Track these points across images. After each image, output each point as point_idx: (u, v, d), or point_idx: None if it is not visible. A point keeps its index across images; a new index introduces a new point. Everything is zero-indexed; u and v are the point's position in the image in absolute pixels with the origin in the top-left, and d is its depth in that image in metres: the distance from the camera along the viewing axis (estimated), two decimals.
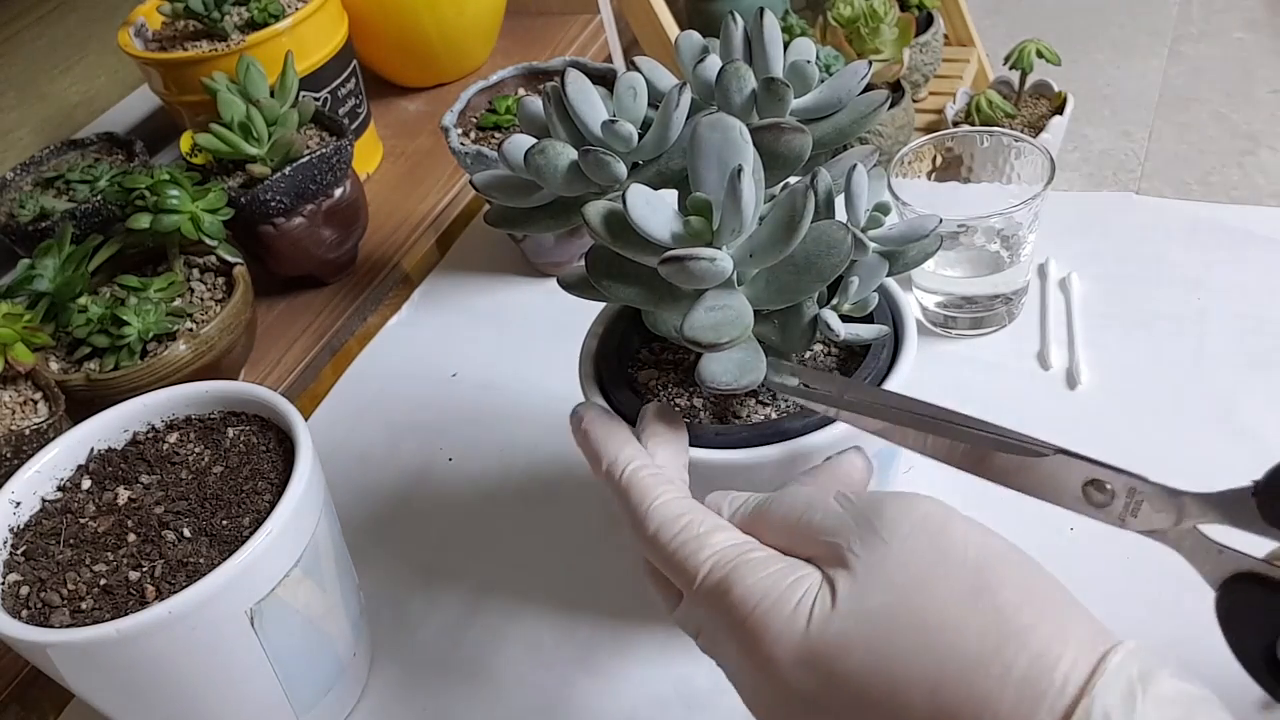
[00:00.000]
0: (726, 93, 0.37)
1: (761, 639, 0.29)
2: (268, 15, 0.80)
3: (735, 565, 0.31)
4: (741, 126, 0.33)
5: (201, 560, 0.39)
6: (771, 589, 0.30)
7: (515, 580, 0.51)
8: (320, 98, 0.83)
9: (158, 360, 0.59)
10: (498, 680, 0.47)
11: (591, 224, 0.34)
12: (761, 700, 0.30)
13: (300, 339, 0.73)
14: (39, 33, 0.88)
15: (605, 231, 0.34)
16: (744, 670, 0.31)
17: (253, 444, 0.44)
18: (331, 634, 0.44)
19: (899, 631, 0.27)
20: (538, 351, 0.64)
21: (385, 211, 0.85)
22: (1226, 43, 2.01)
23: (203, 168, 0.72)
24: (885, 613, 0.28)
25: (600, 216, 0.34)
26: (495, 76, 0.73)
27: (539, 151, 0.36)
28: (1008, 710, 0.25)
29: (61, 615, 0.38)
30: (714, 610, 0.31)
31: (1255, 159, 1.73)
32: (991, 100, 1.50)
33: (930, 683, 0.26)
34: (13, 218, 0.71)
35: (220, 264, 0.67)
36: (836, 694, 0.28)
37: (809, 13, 1.63)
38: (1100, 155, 1.80)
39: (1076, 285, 0.60)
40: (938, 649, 0.27)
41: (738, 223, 0.33)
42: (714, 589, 0.31)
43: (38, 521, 0.42)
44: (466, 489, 0.57)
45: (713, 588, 0.31)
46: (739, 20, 0.39)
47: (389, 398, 0.64)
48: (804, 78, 0.39)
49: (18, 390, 0.57)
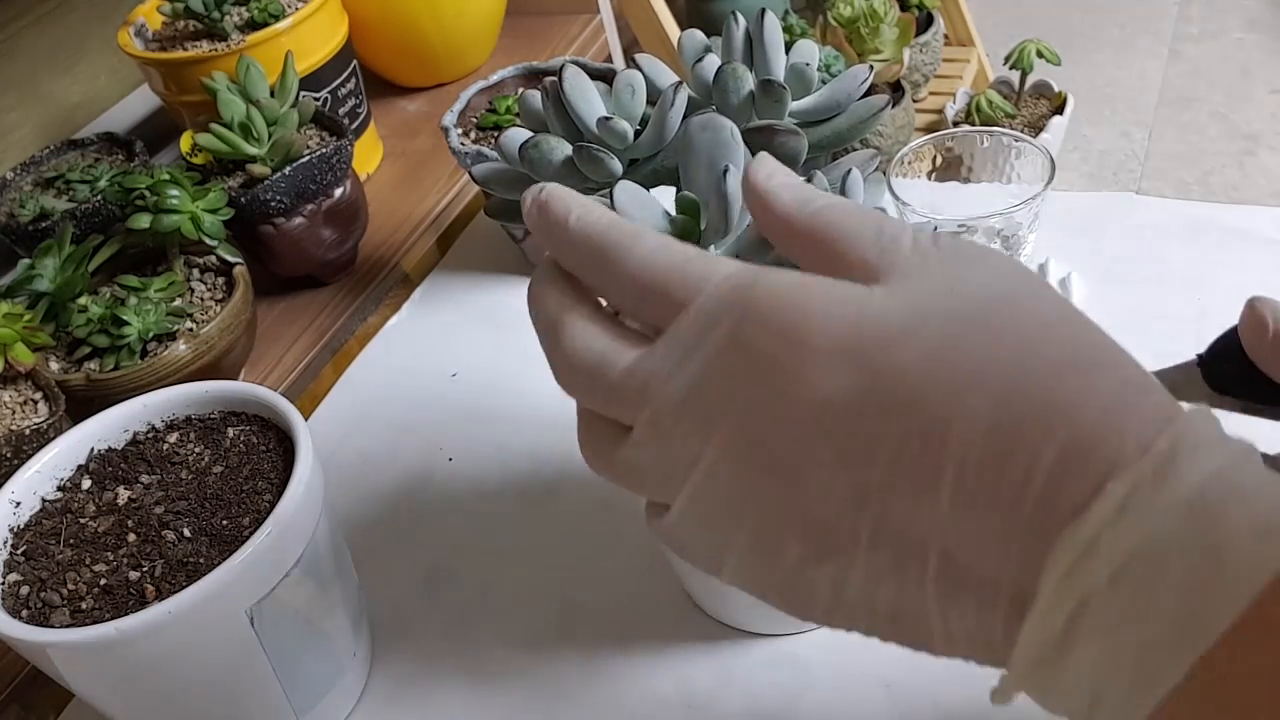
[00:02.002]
0: (724, 93, 0.37)
1: (797, 324, 0.24)
2: (268, 15, 0.80)
3: (761, 270, 0.25)
4: (733, 127, 0.33)
5: (201, 560, 0.39)
6: (808, 279, 0.25)
7: (515, 580, 0.51)
8: (320, 98, 0.83)
9: (158, 360, 0.59)
10: (497, 680, 0.47)
11: None
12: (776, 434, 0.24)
13: (300, 339, 0.73)
14: (39, 33, 0.88)
15: None
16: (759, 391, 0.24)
17: (253, 444, 0.44)
18: (331, 634, 0.44)
19: (968, 330, 0.23)
20: (538, 351, 0.63)
21: (385, 211, 0.85)
22: (1227, 43, 2.01)
23: (203, 168, 0.72)
24: (953, 311, 0.24)
25: None
26: (495, 76, 0.73)
27: (533, 146, 0.36)
28: (1090, 420, 0.22)
29: (61, 615, 0.38)
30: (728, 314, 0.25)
31: (1255, 159, 1.73)
32: (991, 100, 1.50)
33: (999, 385, 0.22)
34: (13, 218, 0.71)
35: (220, 264, 0.67)
36: (878, 397, 0.23)
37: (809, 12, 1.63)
38: (1100, 155, 1.80)
39: (1077, 285, 0.60)
40: (1014, 350, 0.23)
41: (725, 222, 0.33)
42: (734, 287, 0.25)
43: (38, 521, 0.42)
44: (466, 489, 0.57)
45: (732, 287, 0.25)
46: (740, 20, 0.39)
47: (389, 398, 0.64)
48: (803, 80, 0.39)
49: (18, 390, 0.57)
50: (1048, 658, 0.22)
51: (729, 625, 0.46)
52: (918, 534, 0.23)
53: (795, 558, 0.25)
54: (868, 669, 0.44)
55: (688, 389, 0.25)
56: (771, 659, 0.45)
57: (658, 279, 0.26)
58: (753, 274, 0.25)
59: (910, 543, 0.23)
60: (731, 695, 0.44)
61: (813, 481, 0.24)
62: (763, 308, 0.24)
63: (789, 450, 0.24)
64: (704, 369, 0.25)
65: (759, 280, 0.25)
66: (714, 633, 0.46)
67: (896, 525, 0.23)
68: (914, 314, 0.24)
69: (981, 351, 0.23)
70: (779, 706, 0.43)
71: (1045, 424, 0.22)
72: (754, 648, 0.45)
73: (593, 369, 0.27)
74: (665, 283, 0.26)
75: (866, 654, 0.44)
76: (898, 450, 0.23)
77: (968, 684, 0.42)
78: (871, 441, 0.23)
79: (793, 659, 0.45)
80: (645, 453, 0.26)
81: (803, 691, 0.43)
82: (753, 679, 0.44)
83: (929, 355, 0.23)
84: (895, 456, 0.23)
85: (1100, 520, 0.21)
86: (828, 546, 0.24)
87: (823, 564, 0.24)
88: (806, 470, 0.24)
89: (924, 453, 0.23)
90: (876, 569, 0.24)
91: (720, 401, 0.25)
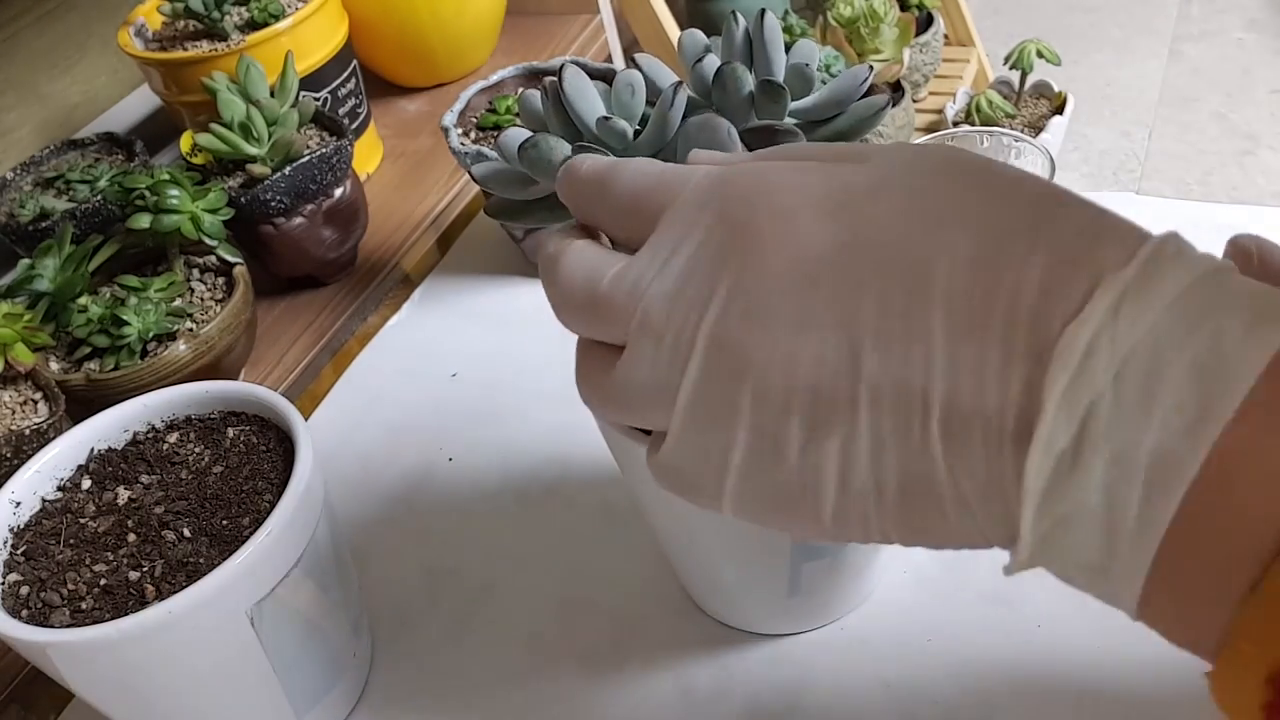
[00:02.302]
0: (724, 93, 0.38)
1: (774, 193, 0.25)
2: (268, 15, 0.80)
3: (732, 160, 0.28)
4: (730, 127, 0.33)
5: (201, 560, 0.39)
6: (779, 164, 0.26)
7: (515, 580, 0.51)
8: (320, 98, 0.83)
9: (158, 360, 0.59)
10: (498, 680, 0.47)
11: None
12: (766, 301, 0.25)
13: (300, 339, 0.73)
14: (39, 32, 0.88)
15: None
16: (746, 260, 0.25)
17: (253, 444, 0.44)
18: (331, 634, 0.44)
19: (937, 183, 0.24)
20: (538, 351, 0.64)
21: (385, 211, 0.85)
22: (1226, 43, 2.01)
23: (203, 168, 0.72)
24: (920, 171, 0.25)
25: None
26: (495, 76, 0.73)
27: (532, 145, 0.36)
28: (1070, 239, 0.22)
29: (61, 615, 0.38)
30: (708, 202, 0.26)
31: (1255, 159, 1.73)
32: (991, 100, 1.50)
33: (977, 220, 0.23)
34: (13, 218, 0.71)
35: (220, 264, 0.67)
36: (860, 246, 0.24)
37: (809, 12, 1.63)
38: (1100, 155, 1.80)
39: None
40: (985, 194, 0.24)
41: None
42: (711, 180, 0.27)
43: (38, 521, 0.42)
44: (467, 489, 0.57)
45: (709, 180, 0.27)
46: (740, 20, 0.39)
47: (389, 398, 0.64)
48: (804, 80, 0.39)
49: (18, 390, 0.57)
50: (1059, 487, 0.21)
51: (729, 625, 0.46)
52: (916, 384, 0.23)
53: (798, 444, 0.24)
54: (868, 669, 0.44)
55: (675, 278, 0.26)
56: (771, 659, 0.45)
57: (640, 193, 0.28)
58: (725, 166, 0.27)
59: (910, 395, 0.23)
60: (731, 695, 0.44)
61: (807, 346, 0.24)
62: (741, 187, 0.26)
63: (780, 316, 0.24)
64: (690, 256, 0.26)
65: (734, 168, 0.27)
66: (714, 633, 0.46)
67: (894, 377, 0.23)
68: (882, 177, 0.25)
69: (954, 197, 0.24)
70: (779, 706, 0.43)
71: (1027, 246, 0.23)
72: (754, 648, 0.45)
73: (583, 284, 0.28)
74: (649, 193, 0.28)
75: (866, 654, 0.44)
76: (884, 295, 0.23)
77: (968, 684, 0.42)
78: (858, 290, 0.24)
79: (793, 659, 0.45)
80: (639, 363, 0.27)
81: (803, 691, 0.43)
82: (753, 679, 0.44)
83: (903, 204, 0.24)
84: (883, 302, 0.23)
85: (1095, 323, 0.21)
86: (829, 419, 0.24)
87: (826, 441, 0.24)
88: (800, 336, 0.24)
89: (911, 294, 0.23)
90: (880, 433, 0.23)
91: (708, 282, 0.25)
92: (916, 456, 0.23)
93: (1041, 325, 0.22)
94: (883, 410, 0.23)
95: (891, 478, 0.24)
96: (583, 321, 0.29)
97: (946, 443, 0.23)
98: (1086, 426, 0.21)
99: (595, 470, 0.55)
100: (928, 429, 0.23)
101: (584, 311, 0.28)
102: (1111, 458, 0.21)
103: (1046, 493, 0.22)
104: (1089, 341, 0.21)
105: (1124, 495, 0.21)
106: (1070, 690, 0.41)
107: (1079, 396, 0.21)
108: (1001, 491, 0.23)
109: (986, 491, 0.23)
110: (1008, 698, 0.42)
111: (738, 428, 0.25)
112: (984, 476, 0.23)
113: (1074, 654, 0.42)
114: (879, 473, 0.24)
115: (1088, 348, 0.21)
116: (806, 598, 0.43)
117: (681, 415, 0.26)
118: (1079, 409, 0.21)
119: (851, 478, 0.24)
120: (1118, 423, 0.21)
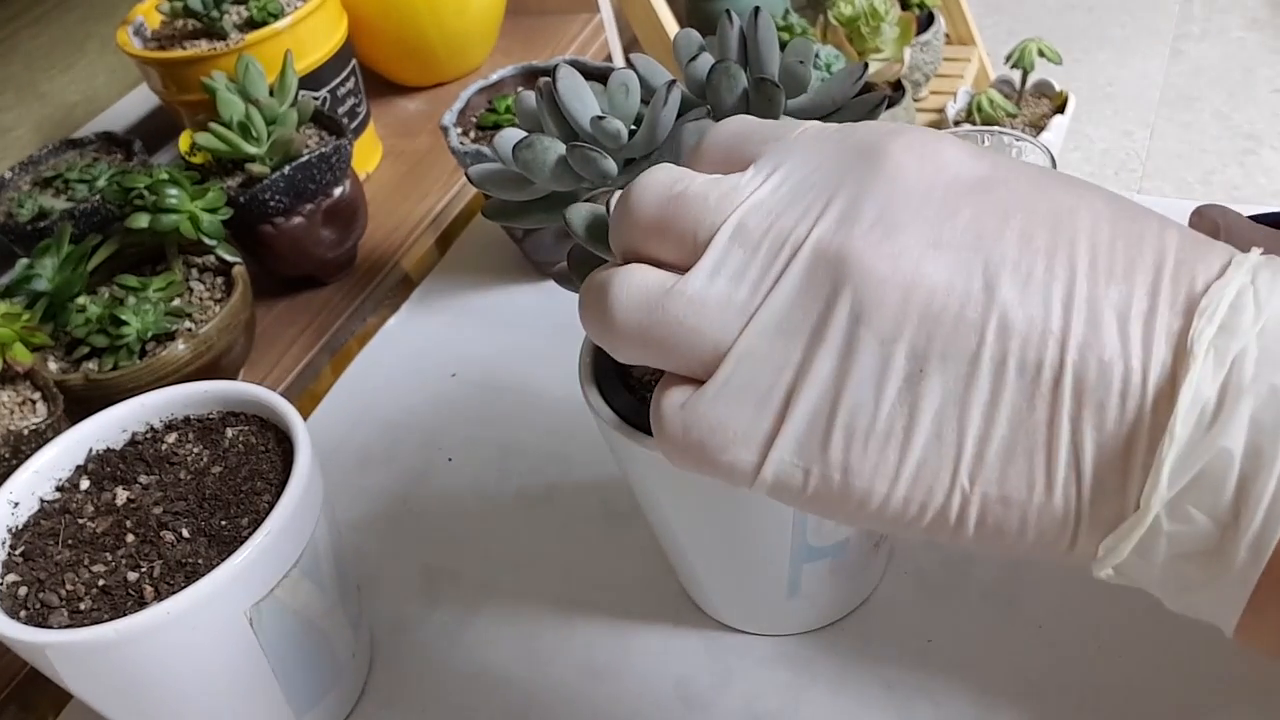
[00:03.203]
0: (717, 92, 0.37)
1: (913, 130, 0.24)
2: (267, 14, 0.80)
3: None
4: None
5: (200, 561, 0.39)
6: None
7: (515, 580, 0.51)
8: (319, 97, 0.83)
9: (156, 360, 0.59)
10: (497, 680, 0.47)
11: (574, 228, 0.35)
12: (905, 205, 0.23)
13: (300, 339, 0.73)
14: (37, 32, 0.88)
15: (586, 235, 0.34)
16: (874, 173, 0.23)
17: (251, 444, 0.44)
18: (331, 634, 0.44)
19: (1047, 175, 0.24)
20: (538, 351, 0.64)
21: (385, 211, 0.85)
22: (1228, 42, 2.01)
23: (202, 167, 0.71)
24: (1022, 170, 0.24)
25: (583, 222, 0.35)
26: (495, 76, 0.73)
27: (525, 146, 0.36)
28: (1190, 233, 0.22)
29: (60, 616, 0.38)
30: (833, 130, 0.25)
31: (1257, 158, 1.73)
32: (993, 99, 1.50)
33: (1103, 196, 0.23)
34: (11, 217, 0.71)
35: (219, 264, 0.66)
36: (1006, 183, 0.23)
37: (810, 11, 1.63)
38: (1102, 155, 1.80)
39: None
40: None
41: None
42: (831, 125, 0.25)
43: (36, 522, 0.42)
44: (466, 489, 0.57)
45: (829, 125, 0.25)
46: (735, 19, 0.39)
47: (389, 398, 0.64)
48: (798, 79, 0.38)
49: (16, 390, 0.57)
50: (1199, 441, 0.20)
51: (728, 626, 0.46)
52: (1055, 324, 0.21)
53: (899, 378, 0.22)
54: (868, 669, 0.43)
55: (788, 189, 0.23)
56: (771, 659, 0.45)
57: (733, 141, 0.26)
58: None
59: (1046, 334, 0.21)
60: (731, 695, 0.44)
61: (938, 265, 0.22)
62: (868, 126, 0.24)
63: (912, 230, 0.22)
64: (808, 173, 0.23)
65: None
66: (714, 633, 0.46)
67: (1030, 314, 0.21)
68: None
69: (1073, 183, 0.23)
70: (779, 706, 0.43)
71: (1160, 222, 0.22)
72: (754, 648, 0.45)
73: (662, 189, 0.25)
74: (743, 139, 0.25)
75: (866, 654, 0.44)
76: (1027, 230, 0.22)
77: (968, 684, 0.42)
78: (1002, 220, 0.22)
79: (793, 659, 0.44)
80: (719, 273, 0.23)
81: (803, 691, 0.43)
82: (753, 679, 0.44)
83: (1034, 167, 0.23)
84: (1025, 236, 0.22)
85: (1239, 284, 0.21)
86: (946, 351, 0.21)
87: (935, 377, 0.22)
88: (932, 253, 0.22)
89: (1056, 232, 0.22)
90: (1002, 375, 0.21)
91: (826, 191, 0.23)
92: (1039, 407, 0.21)
93: (1185, 282, 0.21)
94: (1010, 349, 0.21)
95: (1001, 427, 0.21)
96: (651, 236, 0.25)
97: (1076, 392, 0.21)
98: (1231, 378, 0.20)
99: (595, 470, 0.55)
100: (1061, 376, 0.21)
101: (658, 222, 0.24)
102: (1261, 403, 0.20)
103: (1188, 445, 0.20)
104: (1233, 300, 0.21)
105: (1271, 442, 0.20)
106: (1070, 690, 0.41)
107: (1227, 347, 0.20)
108: (1125, 456, 0.21)
109: (1108, 455, 0.21)
110: (1008, 698, 0.41)
111: (825, 354, 0.22)
112: (1110, 435, 0.21)
113: (1074, 654, 0.42)
114: (988, 420, 0.21)
115: (1233, 304, 0.21)
116: (806, 599, 0.43)
117: (757, 337, 0.23)
118: (1226, 359, 0.20)
119: (952, 426, 0.22)
120: (1264, 372, 0.20)
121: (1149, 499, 0.21)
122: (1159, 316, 0.21)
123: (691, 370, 0.24)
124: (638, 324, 0.24)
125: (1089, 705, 0.41)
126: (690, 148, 0.27)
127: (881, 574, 0.46)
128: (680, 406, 0.24)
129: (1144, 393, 0.21)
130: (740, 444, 0.23)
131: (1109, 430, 0.21)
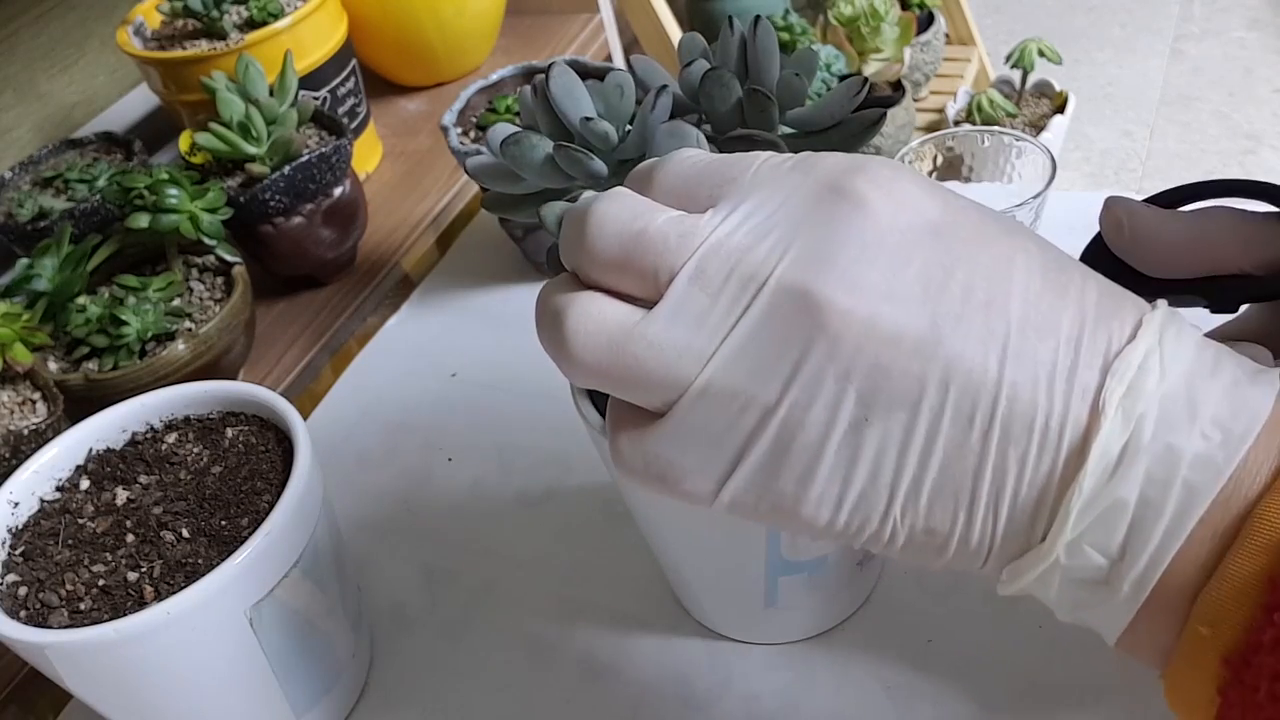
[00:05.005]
0: (711, 100, 0.37)
1: (878, 163, 0.25)
2: (267, 14, 0.80)
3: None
4: (699, 134, 0.33)
5: (200, 561, 0.39)
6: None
7: (515, 580, 0.51)
8: (319, 97, 0.83)
9: (157, 360, 0.59)
10: (497, 680, 0.47)
11: (548, 224, 0.35)
12: (857, 257, 0.23)
13: (300, 339, 0.73)
14: (37, 31, 0.88)
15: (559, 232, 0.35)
16: (839, 215, 0.24)
17: (252, 444, 0.44)
18: (331, 634, 0.44)
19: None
20: (538, 351, 0.63)
21: (385, 211, 0.85)
22: (1228, 42, 2.01)
23: (202, 167, 0.71)
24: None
25: (556, 220, 0.35)
26: (495, 76, 0.73)
27: (514, 142, 0.36)
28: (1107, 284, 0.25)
29: (60, 616, 0.38)
30: (799, 162, 0.25)
31: (1257, 158, 1.73)
32: (993, 99, 1.50)
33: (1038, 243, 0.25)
34: (11, 217, 0.71)
35: (219, 264, 0.66)
36: (955, 231, 0.24)
37: (810, 11, 1.63)
38: (1102, 155, 1.80)
39: None
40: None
41: None
42: (796, 156, 0.26)
43: (36, 522, 0.42)
44: (466, 489, 0.57)
45: (793, 156, 0.26)
46: (736, 26, 0.39)
47: (389, 398, 0.64)
48: (795, 92, 0.38)
49: (16, 390, 0.57)
50: (1103, 488, 0.23)
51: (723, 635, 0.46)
52: (991, 373, 0.23)
53: (846, 421, 0.23)
54: (868, 670, 0.43)
55: (750, 228, 0.24)
56: (771, 661, 0.45)
57: (692, 176, 0.26)
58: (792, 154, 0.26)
59: (983, 383, 0.23)
60: (731, 697, 0.44)
61: (891, 316, 0.23)
62: (835, 158, 0.25)
63: (869, 280, 0.23)
64: (772, 211, 0.24)
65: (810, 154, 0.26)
66: (713, 634, 0.46)
67: (969, 364, 0.23)
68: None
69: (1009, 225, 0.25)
70: (778, 708, 0.43)
71: (1081, 272, 0.25)
72: (754, 649, 0.45)
73: (624, 224, 0.25)
74: (701, 176, 0.26)
75: (867, 655, 0.44)
76: (969, 283, 0.24)
77: (968, 685, 0.42)
78: (947, 275, 0.23)
79: (792, 660, 0.44)
80: (680, 311, 0.24)
81: (802, 693, 0.43)
82: (752, 681, 0.44)
83: (980, 212, 0.25)
84: (967, 289, 0.23)
85: (1146, 347, 0.23)
86: (891, 397, 0.23)
87: (880, 422, 0.23)
88: (885, 304, 0.23)
89: (992, 284, 0.24)
90: (939, 420, 0.23)
91: (791, 232, 0.24)
92: (968, 455, 0.23)
93: (1102, 338, 0.23)
94: (948, 401, 0.23)
95: (932, 471, 0.23)
96: (611, 271, 0.25)
97: (1002, 444, 0.23)
98: (1133, 437, 0.23)
99: (595, 470, 0.55)
100: (991, 428, 0.23)
101: (618, 259, 0.25)
102: (1155, 460, 0.23)
103: (1091, 494, 0.23)
104: (1141, 362, 0.23)
105: (1160, 495, 0.23)
106: (1071, 690, 0.41)
107: (1133, 408, 0.23)
108: (1038, 501, 0.23)
109: (1022, 500, 0.24)
110: (1008, 698, 0.41)
111: (783, 393, 0.23)
112: (1029, 475, 0.23)
113: (1074, 654, 0.42)
114: (922, 465, 0.23)
115: (1141, 367, 0.23)
116: (786, 611, 0.43)
117: (714, 379, 0.24)
118: (1131, 418, 0.23)
119: (889, 468, 0.23)
120: (1161, 432, 0.23)
121: (1054, 540, 0.23)
122: (1078, 373, 0.23)
123: (650, 405, 0.25)
124: (596, 361, 0.25)
125: (1089, 705, 0.41)
126: (644, 175, 0.27)
127: (870, 590, 0.46)
128: (637, 441, 0.25)
129: (1059, 447, 0.23)
130: (697, 476, 0.25)
131: (1026, 479, 0.23)
